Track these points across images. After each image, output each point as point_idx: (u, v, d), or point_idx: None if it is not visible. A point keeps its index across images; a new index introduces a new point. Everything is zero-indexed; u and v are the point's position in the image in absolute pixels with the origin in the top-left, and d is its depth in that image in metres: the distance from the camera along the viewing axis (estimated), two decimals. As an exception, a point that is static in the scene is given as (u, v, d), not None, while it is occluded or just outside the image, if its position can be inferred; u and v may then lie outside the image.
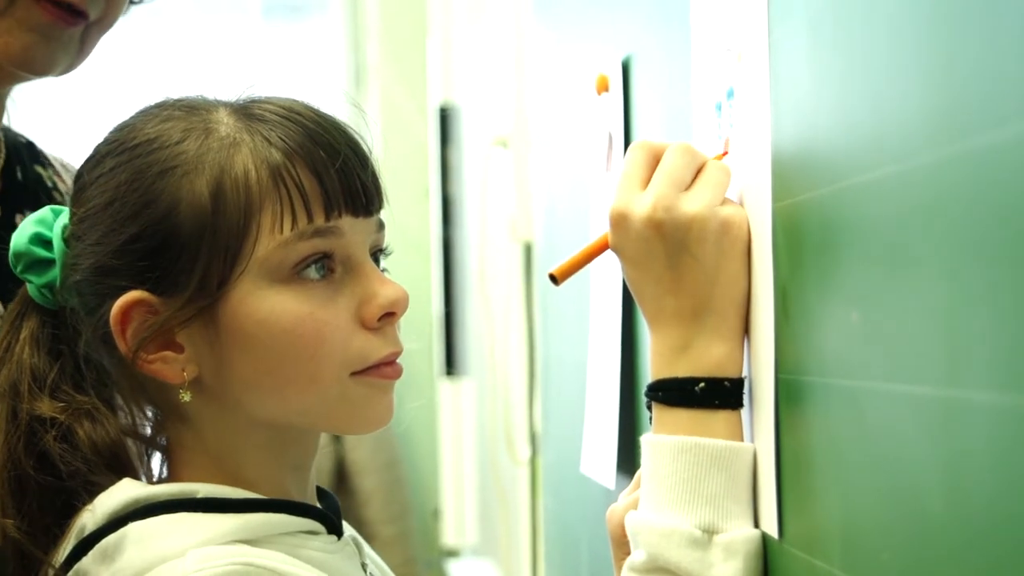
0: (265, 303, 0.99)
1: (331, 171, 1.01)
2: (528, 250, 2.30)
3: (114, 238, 1.01)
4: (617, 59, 1.37)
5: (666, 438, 0.98)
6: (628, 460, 1.33)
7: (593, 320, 1.48)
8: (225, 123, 1.02)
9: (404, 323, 1.07)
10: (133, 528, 0.97)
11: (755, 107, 0.97)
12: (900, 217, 0.76)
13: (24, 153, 1.22)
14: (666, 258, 0.97)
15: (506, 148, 2.42)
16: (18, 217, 1.18)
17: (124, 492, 1.00)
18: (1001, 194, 0.65)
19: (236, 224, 0.99)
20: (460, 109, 3.32)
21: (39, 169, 1.22)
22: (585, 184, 1.54)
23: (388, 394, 1.04)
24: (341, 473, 3.71)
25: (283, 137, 1.01)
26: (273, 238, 0.99)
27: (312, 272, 1.01)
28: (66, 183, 1.23)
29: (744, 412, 1.00)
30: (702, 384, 0.98)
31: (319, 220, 1.00)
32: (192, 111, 1.04)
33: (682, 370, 0.98)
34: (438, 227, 3.53)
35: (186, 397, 1.01)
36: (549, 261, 1.86)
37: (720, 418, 0.98)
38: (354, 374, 1.02)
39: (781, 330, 0.94)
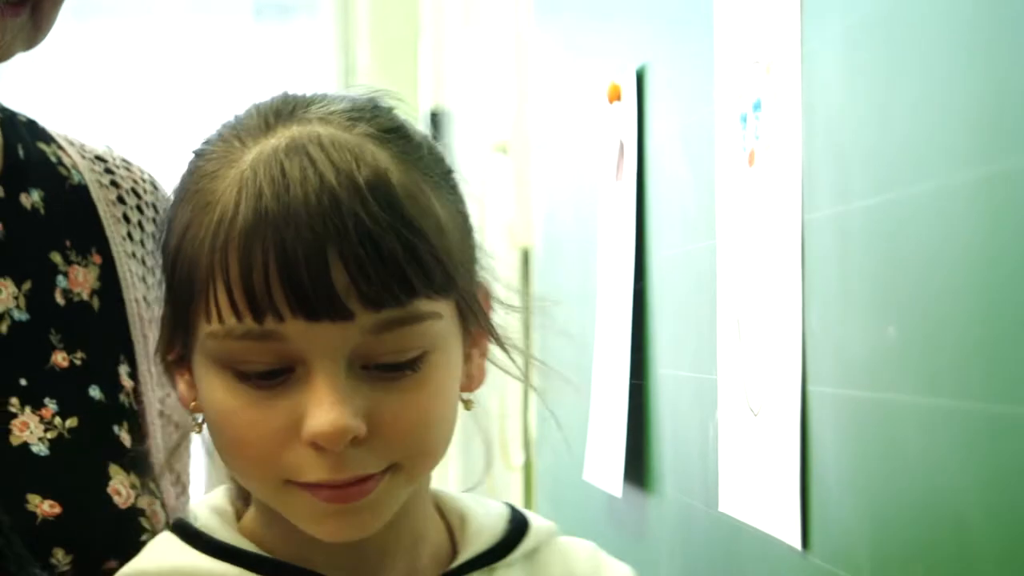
0: (203, 383, 0.88)
1: (270, 266, 0.82)
2: (526, 255, 2.30)
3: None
4: (631, 67, 1.36)
5: None
6: (636, 467, 1.33)
7: (600, 323, 1.47)
8: (239, 167, 0.86)
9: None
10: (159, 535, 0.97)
11: (785, 119, 0.97)
12: (938, 232, 0.76)
13: (24, 131, 1.19)
14: None
15: (506, 154, 2.42)
16: (23, 196, 1.13)
17: (197, 500, 0.99)
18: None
19: (186, 295, 0.87)
20: (451, 114, 3.31)
21: (42, 145, 1.19)
22: (588, 190, 1.54)
23: (339, 519, 0.86)
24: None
25: (251, 211, 0.83)
26: (209, 326, 0.85)
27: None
28: (71, 156, 1.20)
29: (769, 421, 1.00)
30: None
31: (248, 321, 0.83)
32: (239, 140, 0.88)
33: None
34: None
35: (197, 430, 0.93)
36: (548, 266, 1.86)
37: None
38: (289, 483, 0.86)
39: (809, 341, 0.94)
